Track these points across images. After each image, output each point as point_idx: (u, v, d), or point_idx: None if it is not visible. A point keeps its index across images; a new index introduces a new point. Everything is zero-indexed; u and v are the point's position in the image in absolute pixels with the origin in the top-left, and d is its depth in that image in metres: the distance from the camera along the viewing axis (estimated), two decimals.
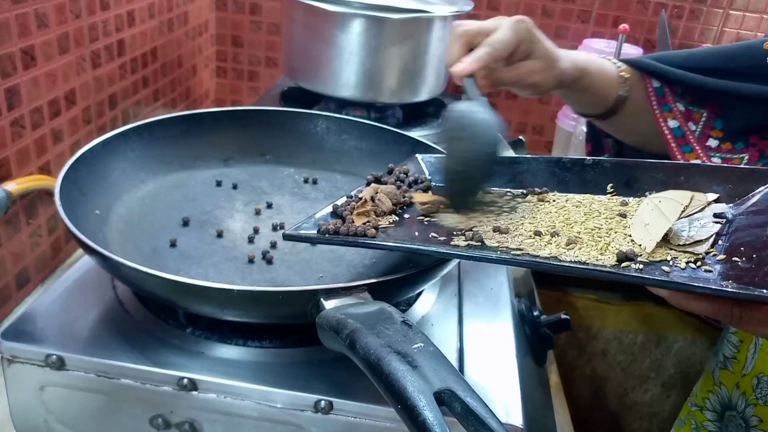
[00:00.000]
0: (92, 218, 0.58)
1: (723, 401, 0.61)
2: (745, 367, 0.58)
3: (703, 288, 0.36)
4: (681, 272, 0.39)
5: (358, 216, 0.53)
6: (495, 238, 0.47)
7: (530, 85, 0.60)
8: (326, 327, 0.40)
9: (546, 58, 0.58)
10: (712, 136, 0.64)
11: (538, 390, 0.62)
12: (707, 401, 0.63)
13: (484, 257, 0.44)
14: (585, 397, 1.16)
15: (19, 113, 0.72)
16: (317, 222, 0.52)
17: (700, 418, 0.64)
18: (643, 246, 0.42)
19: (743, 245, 0.39)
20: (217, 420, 0.48)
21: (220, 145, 0.74)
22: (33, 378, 0.48)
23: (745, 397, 0.58)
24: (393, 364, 0.34)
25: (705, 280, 0.37)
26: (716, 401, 0.61)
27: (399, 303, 0.57)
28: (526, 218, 0.50)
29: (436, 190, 0.57)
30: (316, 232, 0.51)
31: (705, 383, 0.65)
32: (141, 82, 1.02)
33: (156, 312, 0.54)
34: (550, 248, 0.44)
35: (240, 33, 1.36)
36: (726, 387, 0.60)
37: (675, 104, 0.65)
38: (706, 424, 0.63)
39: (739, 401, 0.58)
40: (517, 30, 0.56)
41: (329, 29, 0.95)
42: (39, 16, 0.73)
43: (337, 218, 0.53)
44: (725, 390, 0.60)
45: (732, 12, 1.30)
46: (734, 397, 0.59)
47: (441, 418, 0.31)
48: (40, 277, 0.81)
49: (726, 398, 0.60)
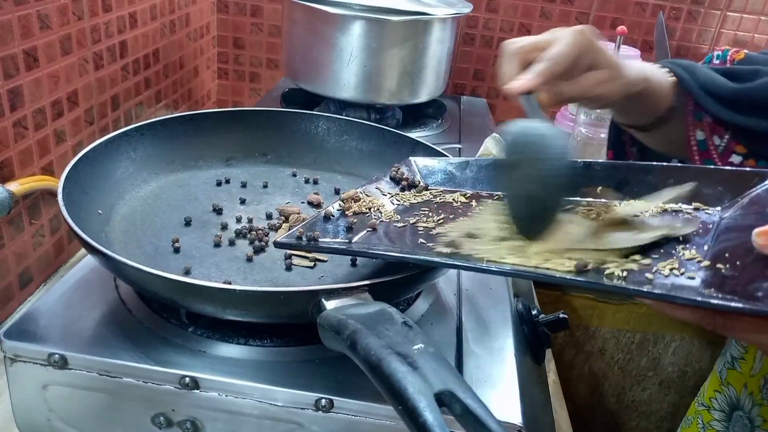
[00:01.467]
0: (95, 218, 0.58)
1: (731, 401, 0.60)
2: (753, 368, 0.58)
3: (684, 299, 0.35)
4: (664, 279, 0.38)
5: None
6: (470, 244, 0.46)
7: (596, 97, 0.56)
8: (327, 327, 0.41)
9: (611, 68, 0.55)
10: (736, 152, 0.60)
11: (536, 388, 0.62)
12: (714, 401, 0.63)
13: (473, 267, 0.43)
14: (583, 396, 1.16)
15: (22, 114, 0.73)
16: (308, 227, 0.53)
17: (707, 418, 0.64)
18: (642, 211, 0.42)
19: (728, 251, 0.39)
20: (218, 418, 0.48)
21: (222, 146, 0.75)
22: (36, 377, 0.49)
23: (752, 398, 0.57)
24: (393, 365, 0.34)
25: (688, 289, 0.37)
26: (724, 401, 0.61)
27: (399, 302, 0.57)
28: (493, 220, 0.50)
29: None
30: (295, 239, 0.51)
31: (712, 383, 0.64)
32: (143, 84, 1.03)
33: (158, 311, 0.54)
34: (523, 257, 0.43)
35: (241, 35, 1.36)
36: (734, 387, 0.60)
37: (706, 114, 0.62)
38: (713, 423, 0.63)
39: (746, 401, 0.58)
40: (576, 42, 0.53)
41: (330, 31, 0.95)
42: (41, 17, 0.73)
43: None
44: (733, 390, 0.60)
45: (729, 13, 1.30)
46: (742, 397, 0.59)
47: (441, 420, 0.31)
48: (42, 276, 0.82)
49: (734, 398, 0.60)
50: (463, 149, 0.99)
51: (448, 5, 1.02)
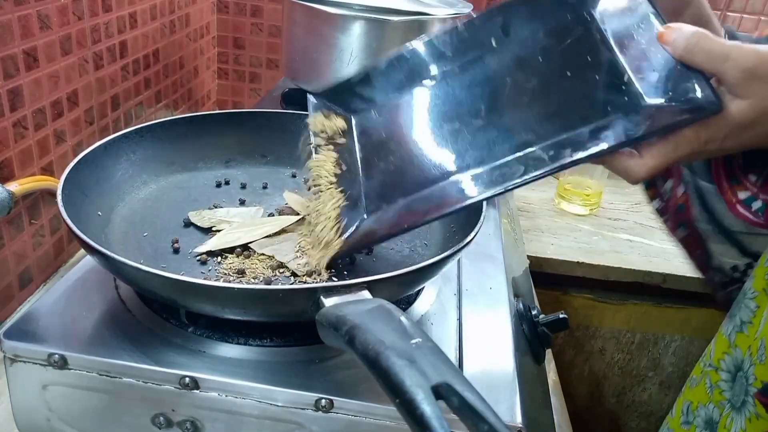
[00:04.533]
0: (94, 219, 0.58)
1: (737, 363, 0.61)
2: (757, 331, 0.59)
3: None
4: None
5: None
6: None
7: None
8: (326, 324, 0.41)
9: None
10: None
11: (536, 389, 0.62)
12: (722, 362, 0.63)
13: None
14: (583, 396, 1.16)
15: (22, 114, 0.73)
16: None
17: (715, 378, 0.64)
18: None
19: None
20: (218, 418, 0.48)
21: (222, 147, 0.75)
22: (35, 377, 0.49)
23: (751, 358, 0.58)
24: (391, 359, 0.34)
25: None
26: (731, 362, 0.62)
27: (399, 302, 0.57)
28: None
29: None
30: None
31: (720, 345, 0.64)
32: (143, 84, 1.03)
33: (158, 311, 0.54)
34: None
35: (241, 35, 1.37)
36: (740, 349, 0.61)
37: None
38: (720, 384, 0.63)
39: (746, 362, 0.59)
40: None
41: (329, 31, 0.95)
42: (41, 17, 0.73)
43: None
44: (739, 352, 0.61)
45: (729, 13, 1.30)
46: (745, 359, 0.59)
47: (439, 412, 0.31)
48: (42, 277, 0.82)
49: (740, 360, 0.61)
50: None
51: (448, 5, 1.02)
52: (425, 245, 0.63)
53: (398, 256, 0.61)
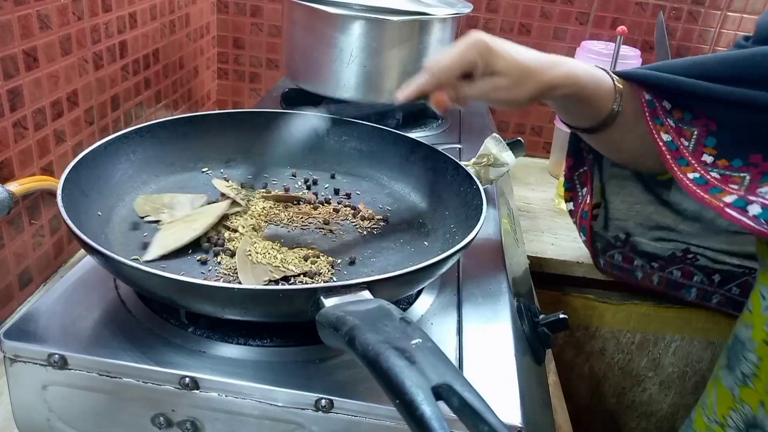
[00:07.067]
0: (94, 219, 0.58)
1: (747, 419, 0.60)
2: (767, 384, 0.57)
3: None
4: None
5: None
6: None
7: (497, 101, 0.60)
8: (326, 324, 0.41)
9: (511, 74, 0.57)
10: (706, 153, 0.61)
11: (536, 389, 0.62)
12: (729, 419, 0.62)
13: None
14: (583, 396, 1.16)
15: (22, 114, 0.73)
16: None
17: None
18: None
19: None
20: (218, 418, 0.48)
21: (222, 147, 0.75)
22: (35, 377, 0.49)
23: (766, 414, 0.57)
24: (391, 360, 0.34)
25: None
26: (739, 419, 0.60)
27: (399, 302, 0.57)
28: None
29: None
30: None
31: (724, 399, 0.63)
32: (143, 84, 1.03)
33: (158, 311, 0.54)
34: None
35: (241, 35, 1.37)
36: (749, 405, 0.59)
37: (666, 119, 0.62)
38: None
39: (764, 419, 0.58)
40: (466, 51, 0.57)
41: (329, 31, 0.95)
42: (41, 17, 0.73)
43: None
44: (749, 408, 0.59)
45: (730, 13, 1.30)
46: (759, 415, 0.58)
47: (439, 413, 0.31)
48: (42, 277, 0.82)
49: (750, 416, 0.59)
50: (463, 149, 0.99)
51: (448, 5, 1.02)
52: (425, 245, 0.63)
53: (398, 257, 0.61)
